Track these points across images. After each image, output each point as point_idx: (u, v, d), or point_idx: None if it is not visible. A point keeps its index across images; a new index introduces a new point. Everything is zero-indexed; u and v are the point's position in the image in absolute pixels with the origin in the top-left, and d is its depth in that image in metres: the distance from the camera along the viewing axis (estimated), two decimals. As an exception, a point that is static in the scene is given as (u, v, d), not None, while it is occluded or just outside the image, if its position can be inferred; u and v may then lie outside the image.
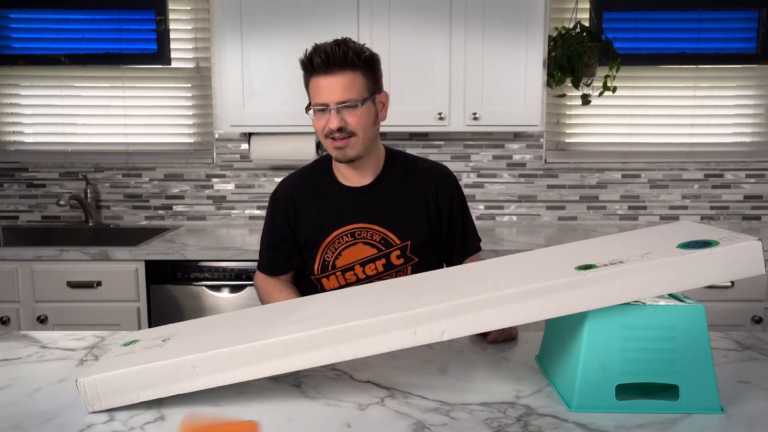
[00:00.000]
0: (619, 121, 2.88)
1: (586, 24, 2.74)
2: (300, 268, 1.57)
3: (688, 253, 0.93)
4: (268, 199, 2.90)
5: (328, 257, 1.49)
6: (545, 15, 2.43)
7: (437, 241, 1.54)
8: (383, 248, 1.47)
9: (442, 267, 1.58)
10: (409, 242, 1.48)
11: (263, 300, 1.56)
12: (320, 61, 1.36)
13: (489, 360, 1.19)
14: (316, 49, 1.37)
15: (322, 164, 1.57)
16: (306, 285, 1.56)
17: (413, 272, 1.48)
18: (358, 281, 1.48)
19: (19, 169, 2.90)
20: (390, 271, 1.48)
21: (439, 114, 2.46)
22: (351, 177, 1.51)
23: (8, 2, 2.81)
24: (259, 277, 1.60)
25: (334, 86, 1.37)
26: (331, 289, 1.49)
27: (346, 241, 1.47)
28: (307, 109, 1.44)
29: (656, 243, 1.02)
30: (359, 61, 1.37)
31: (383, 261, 1.47)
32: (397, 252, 1.48)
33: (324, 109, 1.39)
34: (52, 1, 2.81)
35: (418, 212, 1.50)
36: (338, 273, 1.49)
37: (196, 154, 2.89)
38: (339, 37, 1.41)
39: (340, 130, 1.38)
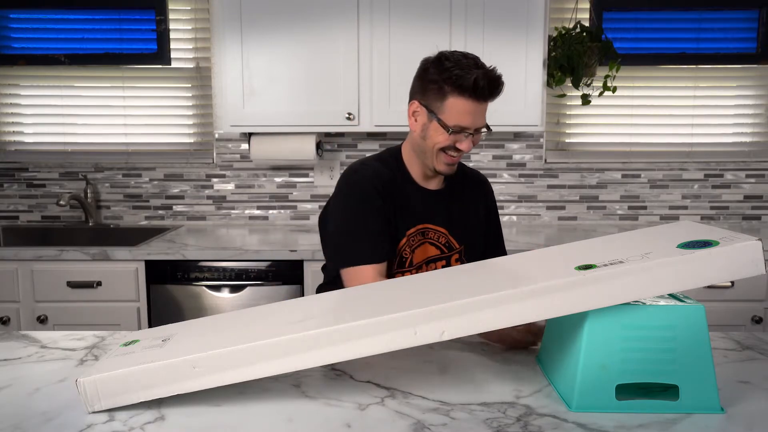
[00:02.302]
0: (619, 121, 2.88)
1: (586, 24, 2.74)
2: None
3: (688, 253, 0.93)
4: (268, 198, 2.91)
5: (406, 254, 1.49)
6: (545, 15, 2.43)
7: (482, 249, 1.59)
8: (446, 251, 1.51)
9: None
10: (464, 246, 1.53)
11: None
12: (487, 91, 1.36)
13: (489, 360, 1.19)
14: (486, 75, 1.35)
15: (395, 160, 1.53)
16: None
17: None
18: None
19: (19, 169, 2.90)
20: None
21: (439, 114, 2.46)
22: (422, 176, 1.52)
23: (8, 2, 2.81)
24: (367, 276, 1.38)
25: (480, 114, 1.39)
26: None
27: (419, 240, 1.49)
28: (429, 116, 1.41)
29: (656, 243, 1.02)
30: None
31: (444, 263, 1.51)
32: (456, 255, 1.52)
33: (463, 130, 1.39)
34: (52, 1, 2.81)
35: (473, 219, 1.56)
36: (413, 270, 1.49)
37: (196, 154, 2.89)
38: (489, 65, 1.39)
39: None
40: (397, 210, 1.47)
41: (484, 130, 1.44)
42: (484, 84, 1.34)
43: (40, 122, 2.91)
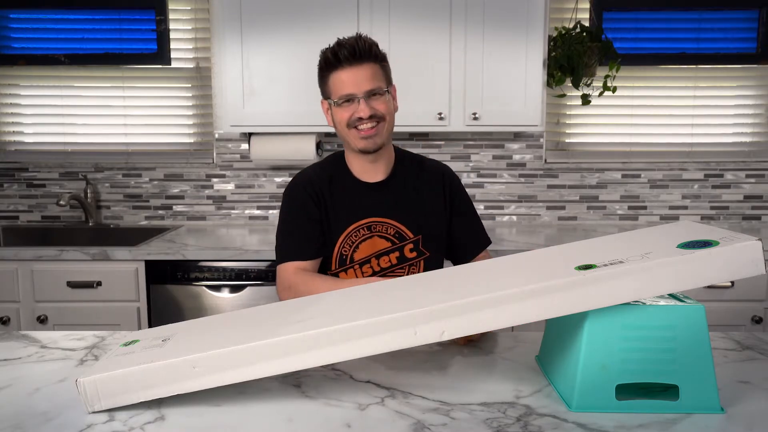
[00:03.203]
0: (619, 121, 2.88)
1: (586, 24, 2.74)
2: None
3: (688, 253, 0.93)
4: (268, 198, 2.91)
5: (346, 251, 1.51)
6: (545, 15, 2.43)
7: (446, 237, 1.59)
8: (397, 242, 1.51)
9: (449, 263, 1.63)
10: (420, 236, 1.53)
11: (303, 293, 1.37)
12: (347, 54, 1.41)
13: (489, 360, 1.19)
14: (340, 43, 1.43)
15: (336, 161, 1.59)
16: None
17: (425, 267, 1.54)
18: (374, 273, 1.51)
19: (19, 169, 2.90)
20: (403, 264, 1.52)
21: (439, 114, 2.46)
22: (366, 173, 1.54)
23: (8, 2, 2.81)
24: (288, 270, 1.48)
25: (361, 77, 1.43)
26: None
27: (363, 235, 1.50)
28: (329, 103, 1.48)
29: (656, 243, 1.02)
30: (380, 54, 1.47)
31: (397, 254, 1.51)
32: (410, 245, 1.52)
33: (351, 99, 1.43)
34: (52, 1, 2.81)
35: (429, 208, 1.56)
36: (356, 266, 1.51)
37: (196, 154, 2.89)
38: (345, 36, 1.46)
39: (370, 117, 1.43)
40: (336, 209, 1.51)
41: (381, 93, 1.45)
42: (340, 49, 1.42)
43: (40, 122, 2.91)
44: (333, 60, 1.43)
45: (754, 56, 2.81)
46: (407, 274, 1.51)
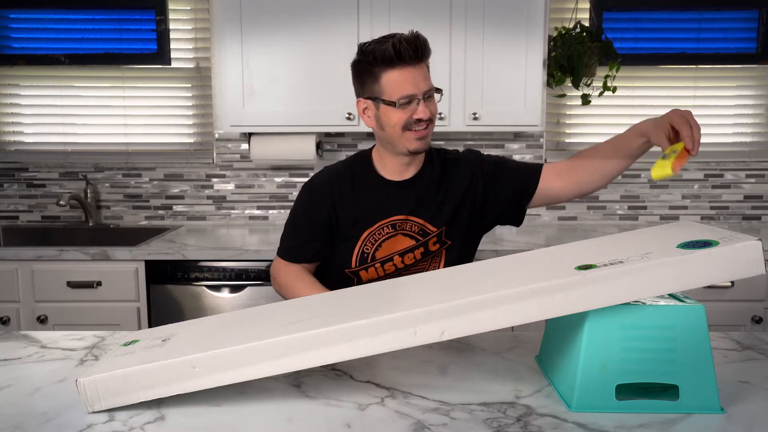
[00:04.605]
0: (619, 121, 2.87)
1: (586, 24, 2.74)
2: (328, 262, 1.56)
3: (688, 253, 0.93)
4: (268, 198, 2.91)
5: (368, 249, 1.49)
6: (545, 15, 2.43)
7: (472, 225, 1.54)
8: (421, 238, 1.49)
9: (476, 247, 1.61)
10: (444, 228, 1.50)
11: (284, 287, 1.52)
12: (412, 52, 1.35)
13: (489, 360, 1.19)
14: (401, 39, 1.35)
15: (360, 159, 1.55)
16: (338, 278, 1.52)
17: (446, 255, 1.52)
18: (397, 270, 1.50)
19: (19, 169, 2.90)
20: (427, 258, 1.51)
21: (439, 114, 2.46)
22: (396, 171, 1.50)
23: (8, 2, 2.81)
24: (280, 262, 1.56)
25: (420, 78, 1.38)
26: (369, 281, 1.49)
27: (387, 233, 1.48)
28: (375, 103, 1.42)
29: (656, 243, 1.02)
30: (429, 54, 1.41)
31: (421, 249, 1.50)
32: (434, 239, 1.50)
33: (411, 100, 1.38)
34: (52, 1, 2.81)
35: (453, 202, 1.51)
36: (377, 264, 1.49)
37: (196, 154, 2.89)
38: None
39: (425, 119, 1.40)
40: (360, 207, 1.49)
41: (437, 95, 1.43)
42: (403, 47, 1.34)
43: (40, 122, 2.91)
44: (395, 57, 1.34)
45: (754, 56, 2.81)
46: (430, 267, 1.51)
